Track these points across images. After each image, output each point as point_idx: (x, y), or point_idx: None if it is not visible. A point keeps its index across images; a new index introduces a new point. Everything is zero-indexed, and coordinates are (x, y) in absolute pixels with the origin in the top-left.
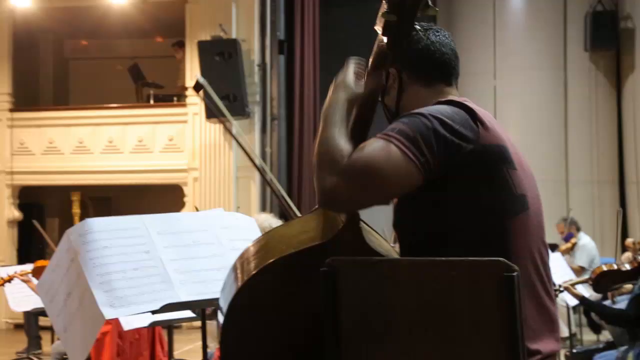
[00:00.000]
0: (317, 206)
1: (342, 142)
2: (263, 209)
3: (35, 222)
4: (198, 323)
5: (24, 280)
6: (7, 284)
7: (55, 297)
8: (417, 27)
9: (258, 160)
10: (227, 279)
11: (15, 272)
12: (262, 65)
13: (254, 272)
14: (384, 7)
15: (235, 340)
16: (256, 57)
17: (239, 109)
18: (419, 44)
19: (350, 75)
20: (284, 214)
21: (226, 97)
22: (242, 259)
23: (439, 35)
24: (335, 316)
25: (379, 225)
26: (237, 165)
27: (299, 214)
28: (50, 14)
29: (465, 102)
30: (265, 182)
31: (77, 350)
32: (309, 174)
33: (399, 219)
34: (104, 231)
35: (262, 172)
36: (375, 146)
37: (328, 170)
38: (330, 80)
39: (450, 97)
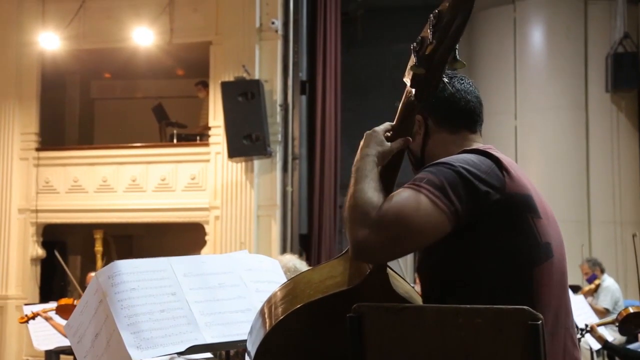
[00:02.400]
0: (344, 251)
1: (373, 195)
2: (283, 247)
3: (58, 256)
4: None
5: (46, 319)
6: (31, 322)
7: (83, 338)
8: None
9: (279, 199)
10: (255, 323)
11: (39, 310)
12: (284, 106)
13: (281, 317)
14: (412, 60)
15: None
16: (278, 97)
17: (261, 148)
18: (444, 92)
19: (379, 130)
20: (303, 253)
21: (248, 136)
22: (270, 303)
23: (463, 83)
24: None
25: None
26: (258, 203)
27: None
28: (77, 56)
29: (491, 151)
30: (285, 221)
31: None
32: (330, 213)
33: (424, 264)
34: (132, 273)
35: None
36: (404, 196)
37: (360, 223)
38: (351, 120)
39: (476, 145)
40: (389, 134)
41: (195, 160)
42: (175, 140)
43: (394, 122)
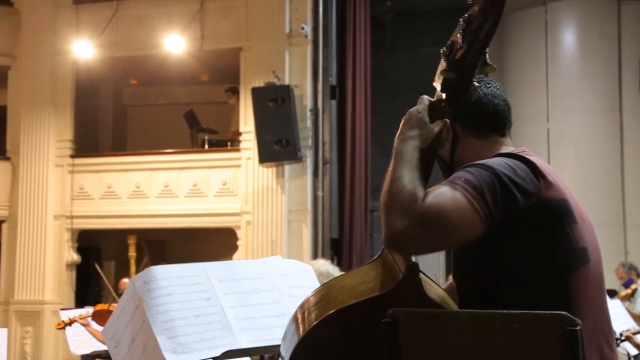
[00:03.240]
0: (376, 256)
1: (415, 184)
2: (315, 251)
3: (97, 267)
4: None
5: (83, 324)
6: (67, 327)
7: (120, 343)
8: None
9: (310, 204)
10: (288, 328)
11: (76, 317)
12: (314, 110)
13: (315, 323)
14: (442, 64)
15: None
16: (308, 102)
17: (292, 153)
18: (472, 96)
19: (423, 109)
20: (335, 257)
21: (279, 141)
22: (303, 309)
23: (490, 87)
24: None
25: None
26: (289, 208)
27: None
28: (110, 64)
29: (526, 155)
30: (316, 225)
31: None
32: (361, 217)
33: (459, 269)
34: (167, 278)
35: None
36: (445, 194)
37: (399, 213)
38: (381, 124)
39: (510, 149)
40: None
41: (226, 165)
42: (206, 146)
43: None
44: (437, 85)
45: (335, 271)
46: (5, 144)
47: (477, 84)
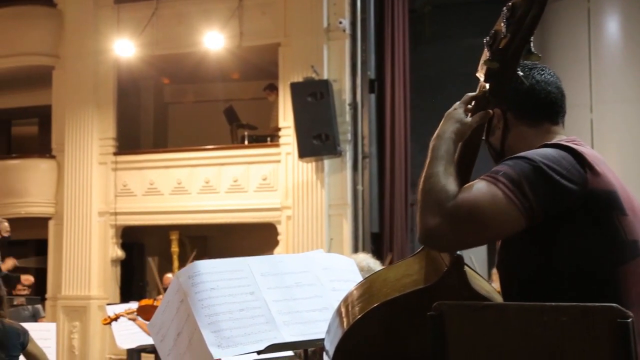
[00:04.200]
0: (420, 249)
1: (448, 181)
2: (355, 246)
3: (150, 260)
4: None
5: (131, 319)
6: (113, 322)
7: (166, 337)
8: (521, 67)
9: (350, 198)
10: (332, 322)
11: (123, 312)
12: (353, 105)
13: (359, 316)
14: (486, 54)
15: None
16: (347, 96)
17: (331, 147)
18: (523, 84)
19: (459, 107)
20: (376, 252)
21: (318, 136)
22: (346, 302)
23: (543, 74)
24: None
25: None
26: (329, 203)
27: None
28: (150, 62)
29: (574, 146)
30: (357, 220)
31: None
32: (401, 211)
33: (504, 261)
34: (211, 273)
35: None
36: (480, 189)
37: (432, 210)
38: (420, 118)
39: (558, 138)
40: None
41: (266, 161)
42: (246, 142)
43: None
44: (481, 75)
45: (376, 265)
46: (50, 143)
47: (529, 71)
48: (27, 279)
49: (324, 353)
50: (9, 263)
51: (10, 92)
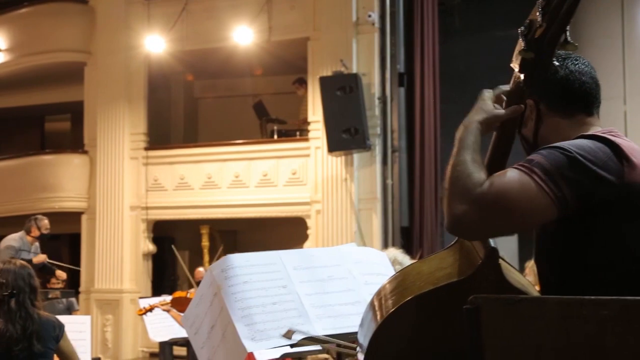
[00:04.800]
0: (453, 242)
1: (475, 169)
2: (385, 240)
3: (176, 251)
4: (323, 355)
5: (165, 310)
6: (148, 314)
7: (200, 330)
8: (555, 57)
9: (380, 192)
10: (365, 315)
11: (157, 303)
12: (383, 98)
13: (392, 310)
14: (520, 44)
15: None
16: (376, 90)
17: (360, 141)
18: (557, 74)
19: (487, 98)
20: (406, 246)
21: (347, 130)
22: (380, 296)
23: (577, 64)
24: (481, 355)
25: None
26: (358, 197)
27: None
28: (180, 57)
29: (611, 137)
30: (386, 214)
31: None
32: (431, 205)
33: (541, 253)
34: (244, 266)
35: None
36: (510, 177)
37: (459, 197)
38: (450, 111)
39: (593, 130)
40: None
41: (295, 155)
42: (275, 136)
43: (503, 110)
44: (515, 66)
45: (405, 259)
46: (83, 138)
47: (563, 61)
48: (61, 275)
49: (358, 347)
50: (40, 258)
51: (43, 88)
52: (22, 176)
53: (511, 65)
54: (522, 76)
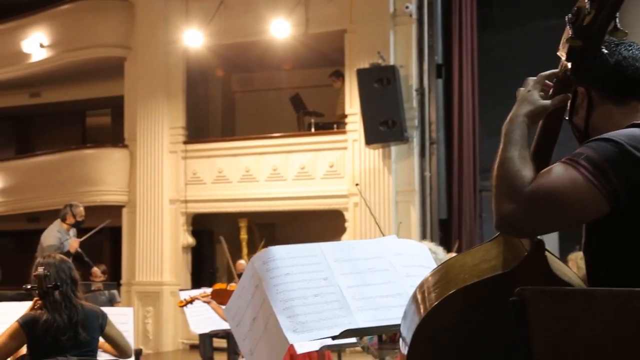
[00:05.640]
0: (497, 234)
1: (523, 166)
2: (423, 232)
3: (224, 243)
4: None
5: (206, 302)
6: (188, 306)
7: (242, 322)
8: (607, 44)
9: (418, 184)
10: (408, 309)
11: (197, 295)
12: (420, 90)
13: (435, 302)
14: (567, 32)
15: None
16: (414, 82)
17: (398, 134)
18: (610, 61)
19: (532, 88)
20: (444, 238)
21: (385, 122)
22: (422, 289)
23: (631, 50)
24: (528, 348)
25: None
26: (396, 189)
27: None
28: (218, 51)
29: None
30: (424, 206)
31: None
32: (470, 198)
33: (590, 245)
34: (286, 258)
35: None
36: (559, 173)
37: (507, 196)
38: (488, 102)
39: None
40: (542, 94)
41: (333, 148)
42: (313, 129)
43: (549, 100)
44: (562, 54)
45: (439, 251)
46: (123, 133)
47: (616, 47)
48: (98, 269)
49: (401, 339)
50: (74, 244)
51: (84, 83)
52: (65, 170)
53: (558, 53)
54: (569, 65)
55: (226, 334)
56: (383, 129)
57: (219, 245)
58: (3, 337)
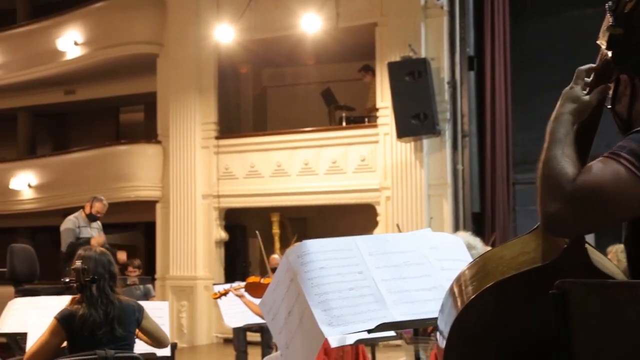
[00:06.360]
0: (536, 226)
1: (567, 164)
2: (456, 226)
3: (259, 237)
4: (396, 342)
5: (238, 295)
6: (223, 298)
7: (277, 315)
8: None
9: (450, 178)
10: (445, 302)
11: (231, 288)
12: (452, 83)
13: (473, 296)
14: (608, 20)
15: None
16: (446, 74)
17: (430, 127)
18: None
19: (577, 85)
20: (477, 232)
21: (417, 116)
22: (459, 282)
23: None
24: (569, 340)
25: None
26: (428, 183)
27: None
28: (249, 46)
29: None
30: (457, 199)
31: None
32: (503, 191)
33: (631, 237)
34: (320, 252)
35: None
36: (602, 168)
37: (552, 195)
38: (521, 94)
39: None
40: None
41: (364, 142)
42: (344, 123)
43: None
44: (602, 43)
45: (477, 243)
46: (156, 129)
47: None
48: (121, 256)
49: (438, 333)
50: (100, 239)
51: (118, 80)
52: (99, 166)
53: (598, 42)
54: (609, 53)
55: (260, 328)
56: (415, 122)
57: (251, 240)
58: (44, 335)
